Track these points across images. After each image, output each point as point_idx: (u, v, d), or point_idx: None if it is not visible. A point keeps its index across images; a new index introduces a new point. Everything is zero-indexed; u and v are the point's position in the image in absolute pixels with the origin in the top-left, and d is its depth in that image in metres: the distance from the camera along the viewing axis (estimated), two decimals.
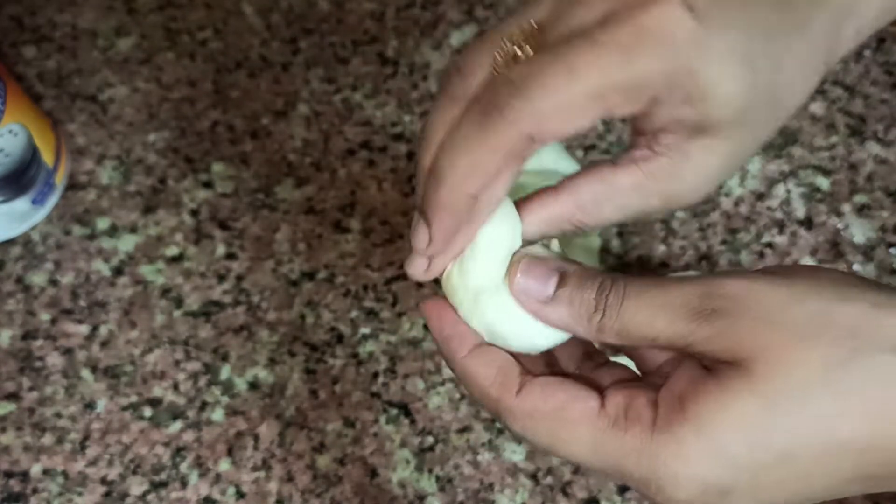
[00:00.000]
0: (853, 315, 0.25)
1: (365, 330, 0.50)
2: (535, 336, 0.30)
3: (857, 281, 0.27)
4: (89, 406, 0.48)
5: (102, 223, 0.53)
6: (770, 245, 0.51)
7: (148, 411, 0.48)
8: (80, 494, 0.46)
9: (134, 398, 0.48)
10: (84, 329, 0.50)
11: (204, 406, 0.48)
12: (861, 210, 0.52)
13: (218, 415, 0.48)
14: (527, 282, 0.29)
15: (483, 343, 0.30)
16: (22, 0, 0.61)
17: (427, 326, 0.44)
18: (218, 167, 0.55)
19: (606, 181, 0.29)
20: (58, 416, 0.48)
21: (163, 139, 0.56)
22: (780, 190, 0.53)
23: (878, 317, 0.25)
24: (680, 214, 0.52)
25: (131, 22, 0.60)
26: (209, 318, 0.50)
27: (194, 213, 0.53)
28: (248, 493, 0.46)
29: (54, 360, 0.49)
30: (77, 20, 0.61)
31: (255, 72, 0.58)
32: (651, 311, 0.27)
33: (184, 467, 0.46)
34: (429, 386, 0.48)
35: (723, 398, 0.25)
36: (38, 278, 0.52)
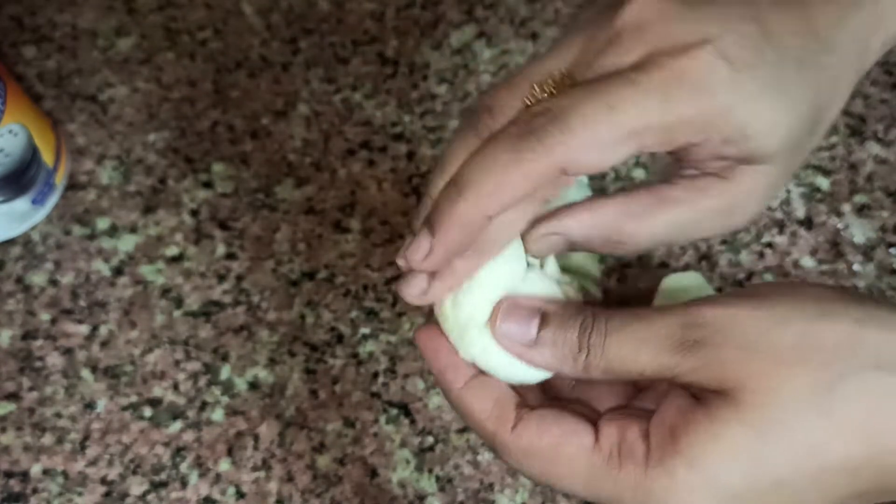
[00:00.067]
0: (836, 333, 0.25)
1: (365, 330, 0.50)
2: (521, 374, 0.30)
3: (838, 296, 0.27)
4: (89, 406, 0.48)
5: (102, 223, 0.53)
6: (770, 245, 0.51)
7: (148, 411, 0.48)
8: (80, 494, 0.46)
9: (134, 398, 0.48)
10: (84, 329, 0.50)
11: (204, 406, 0.48)
12: (861, 210, 0.52)
13: (218, 415, 0.48)
14: (509, 326, 0.29)
15: (478, 374, 0.30)
16: (22, 0, 0.61)
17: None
18: (218, 167, 0.55)
19: (659, 194, 0.29)
20: (58, 416, 0.48)
21: (163, 139, 0.56)
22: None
23: (861, 334, 0.25)
24: None
25: (131, 22, 0.60)
26: (209, 318, 0.50)
27: (194, 213, 0.53)
28: (248, 493, 0.46)
29: (54, 360, 0.49)
30: (77, 20, 0.61)
31: (255, 72, 0.58)
32: (634, 345, 0.27)
33: (184, 467, 0.46)
34: (429, 386, 0.48)
35: (712, 429, 0.25)
36: (38, 278, 0.52)
